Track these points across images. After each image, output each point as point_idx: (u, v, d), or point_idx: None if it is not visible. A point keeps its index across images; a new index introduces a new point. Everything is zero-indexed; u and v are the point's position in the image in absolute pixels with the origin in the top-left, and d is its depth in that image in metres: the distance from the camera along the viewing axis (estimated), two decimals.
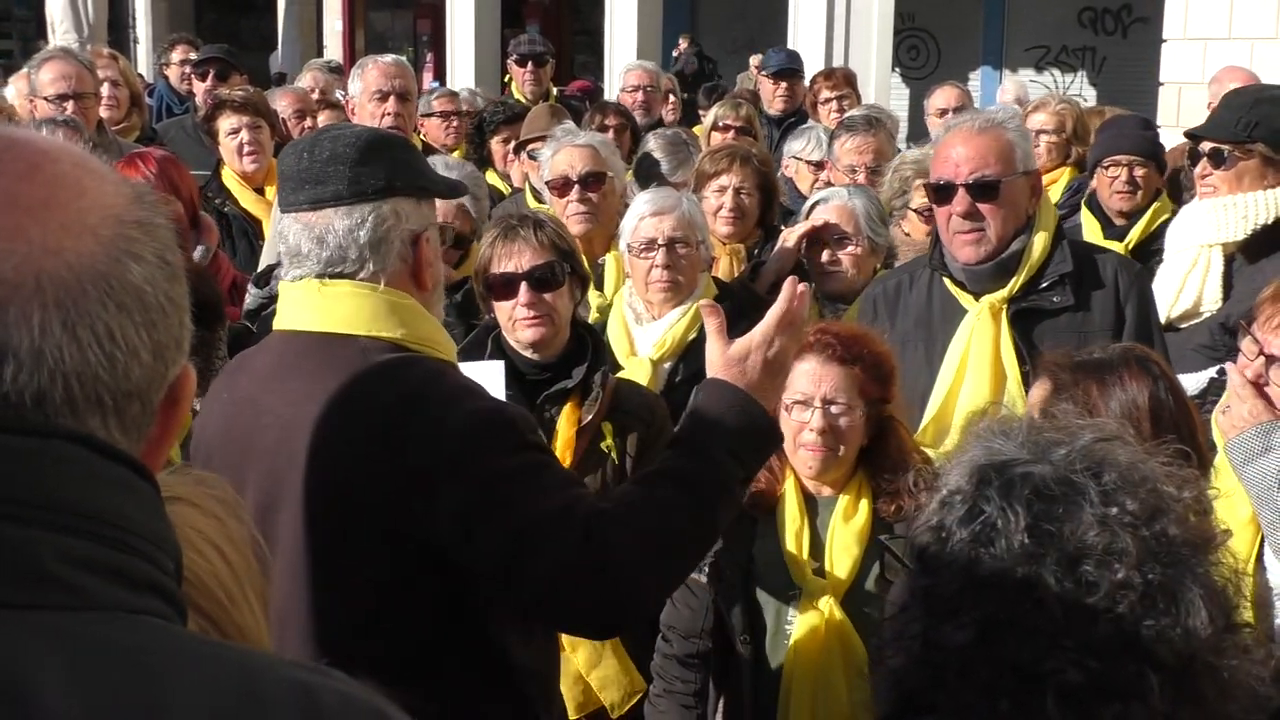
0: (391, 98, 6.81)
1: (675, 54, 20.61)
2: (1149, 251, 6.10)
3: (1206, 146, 4.95)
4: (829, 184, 6.67)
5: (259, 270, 5.31)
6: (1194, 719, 1.68)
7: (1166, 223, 6.23)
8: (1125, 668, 1.65)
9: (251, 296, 5.05)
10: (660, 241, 4.71)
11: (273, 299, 4.63)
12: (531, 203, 6.03)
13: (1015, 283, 4.29)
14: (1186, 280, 4.91)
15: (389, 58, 7.38)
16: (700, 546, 2.81)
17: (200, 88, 9.31)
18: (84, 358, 1.21)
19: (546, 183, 5.72)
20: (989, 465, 1.78)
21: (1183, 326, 4.82)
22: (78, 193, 1.25)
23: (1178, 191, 7.00)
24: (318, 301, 2.82)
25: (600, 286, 5.20)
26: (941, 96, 9.29)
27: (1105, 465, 1.76)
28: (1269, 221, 4.81)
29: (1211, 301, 4.85)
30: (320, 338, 2.82)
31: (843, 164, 6.38)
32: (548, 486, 2.65)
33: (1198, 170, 4.98)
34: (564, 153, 5.68)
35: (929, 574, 1.78)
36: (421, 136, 8.19)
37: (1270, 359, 3.44)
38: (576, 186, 5.57)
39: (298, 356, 2.85)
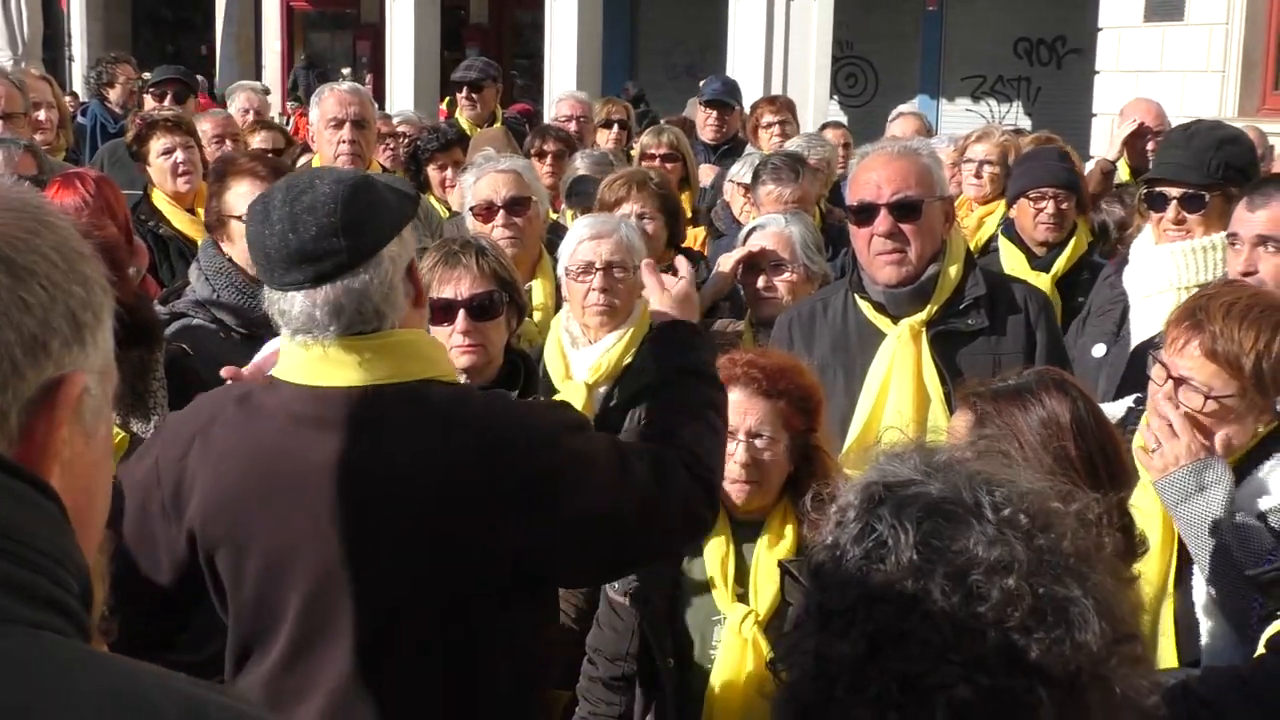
0: (347, 125, 6.76)
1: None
2: (1074, 281, 6.20)
3: (1176, 191, 4.98)
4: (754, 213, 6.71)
5: (167, 288, 5.27)
6: None
7: (1087, 253, 6.34)
8: (1015, 683, 1.67)
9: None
10: (598, 265, 4.71)
11: (174, 316, 4.63)
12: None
13: (933, 305, 4.34)
14: None
15: (346, 85, 7.35)
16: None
17: (154, 109, 9.20)
18: None
19: (470, 208, 5.68)
20: (881, 485, 1.81)
21: None
22: None
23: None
24: (353, 358, 2.81)
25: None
26: (901, 125, 9.41)
27: (994, 482, 1.79)
28: None
29: None
30: (362, 391, 2.81)
31: (765, 209, 6.36)
32: (636, 456, 2.98)
33: (1169, 216, 4.99)
34: (487, 178, 5.66)
35: (822, 590, 1.80)
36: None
37: (1178, 381, 3.48)
38: (501, 211, 5.54)
39: (343, 411, 2.82)
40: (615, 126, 9.79)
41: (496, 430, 2.83)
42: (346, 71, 24.31)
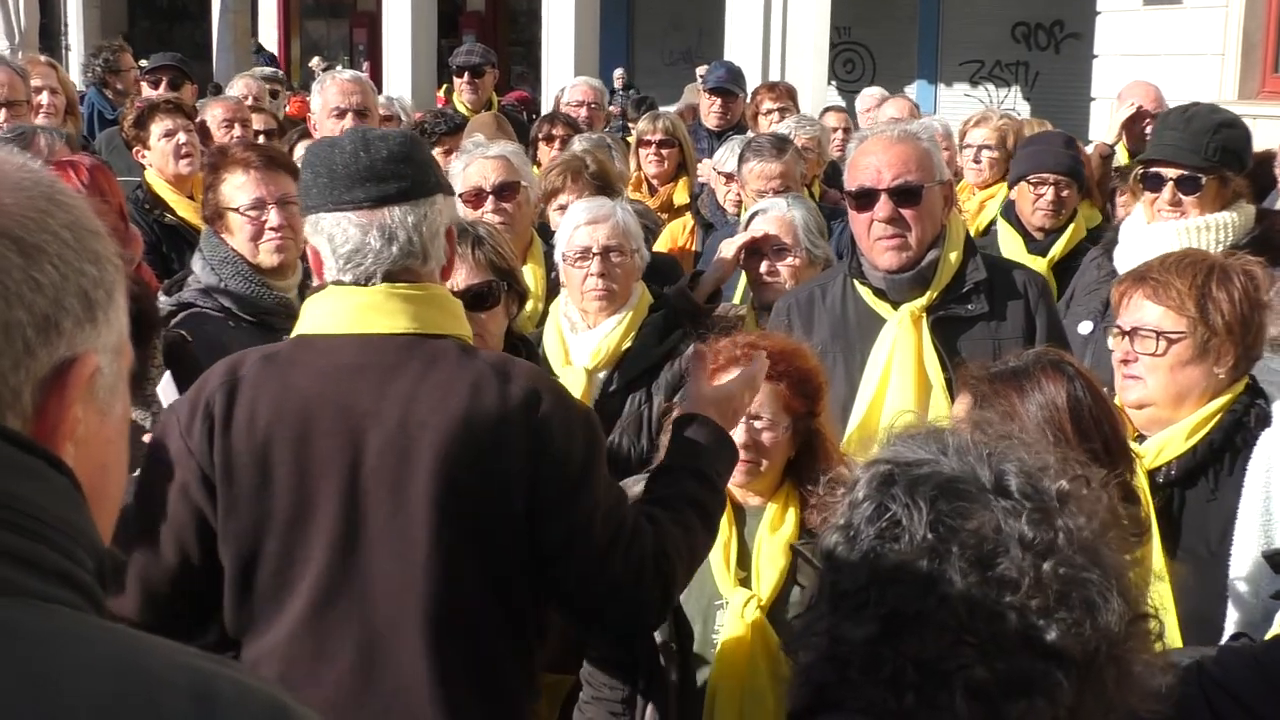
0: (349, 115, 6.72)
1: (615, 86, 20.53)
2: (1071, 267, 6.17)
3: (1172, 173, 4.99)
4: (739, 198, 6.71)
5: (170, 279, 5.24)
6: (1095, 710, 1.70)
7: (1085, 239, 6.33)
8: (1033, 665, 1.67)
9: (162, 304, 5.00)
10: (595, 250, 4.71)
11: (182, 306, 4.61)
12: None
13: (933, 291, 4.33)
14: None
15: (348, 74, 7.31)
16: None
17: (152, 95, 9.20)
18: None
19: (459, 195, 5.65)
20: (894, 465, 1.81)
21: None
22: None
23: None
24: (398, 305, 2.88)
25: None
26: (893, 105, 9.42)
27: (1008, 462, 1.79)
28: (1239, 240, 4.90)
29: None
30: (409, 339, 2.87)
31: (751, 188, 6.37)
32: (625, 517, 2.97)
33: (1165, 197, 5.01)
34: (476, 164, 5.64)
35: (835, 571, 1.80)
36: None
37: (1131, 334, 3.66)
38: (490, 197, 5.52)
39: (392, 357, 2.86)
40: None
41: (543, 395, 2.88)
42: (315, 62, 24.23)
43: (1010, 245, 6.40)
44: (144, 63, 10.49)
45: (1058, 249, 6.35)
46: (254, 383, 2.87)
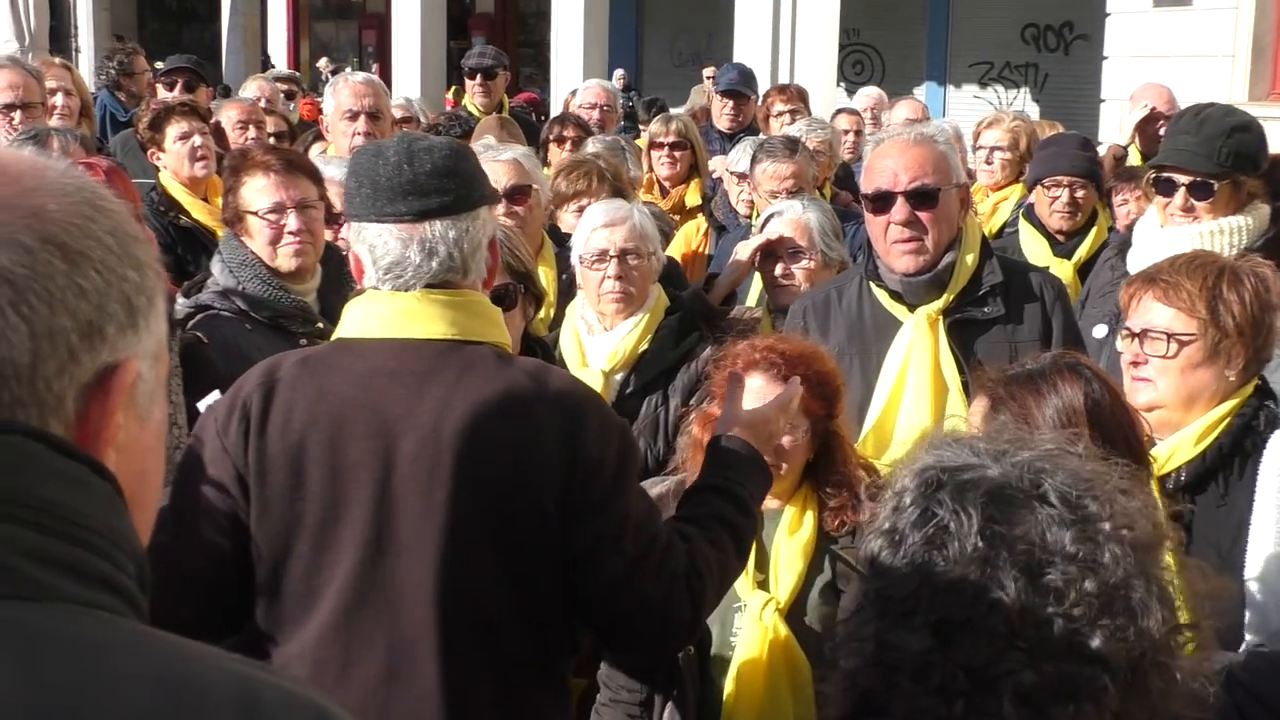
0: (362, 117, 6.71)
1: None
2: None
3: (1184, 179, 4.94)
4: (752, 200, 6.72)
5: (189, 281, 5.25)
6: (1139, 716, 1.70)
7: (1108, 241, 6.32)
8: (1079, 670, 1.67)
9: (180, 306, 5.02)
10: (612, 253, 4.71)
11: (199, 308, 4.62)
12: None
13: (950, 293, 4.33)
14: None
15: (360, 76, 7.28)
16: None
17: (167, 97, 9.22)
18: None
19: None
20: (941, 470, 1.80)
21: None
22: None
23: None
24: (436, 310, 2.89)
25: None
26: (906, 107, 9.46)
27: (1057, 469, 1.78)
28: (1253, 243, 4.87)
29: None
30: (445, 345, 2.87)
31: (763, 189, 6.39)
32: (659, 532, 2.95)
33: (1178, 203, 4.96)
34: (487, 167, 5.59)
35: (881, 577, 1.79)
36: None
37: (1141, 336, 3.65)
38: (502, 200, 5.52)
39: (429, 362, 2.86)
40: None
41: (578, 403, 2.89)
42: (323, 63, 24.24)
43: (1034, 248, 6.39)
44: (159, 65, 10.50)
45: (1083, 251, 6.35)
46: (290, 385, 2.87)
